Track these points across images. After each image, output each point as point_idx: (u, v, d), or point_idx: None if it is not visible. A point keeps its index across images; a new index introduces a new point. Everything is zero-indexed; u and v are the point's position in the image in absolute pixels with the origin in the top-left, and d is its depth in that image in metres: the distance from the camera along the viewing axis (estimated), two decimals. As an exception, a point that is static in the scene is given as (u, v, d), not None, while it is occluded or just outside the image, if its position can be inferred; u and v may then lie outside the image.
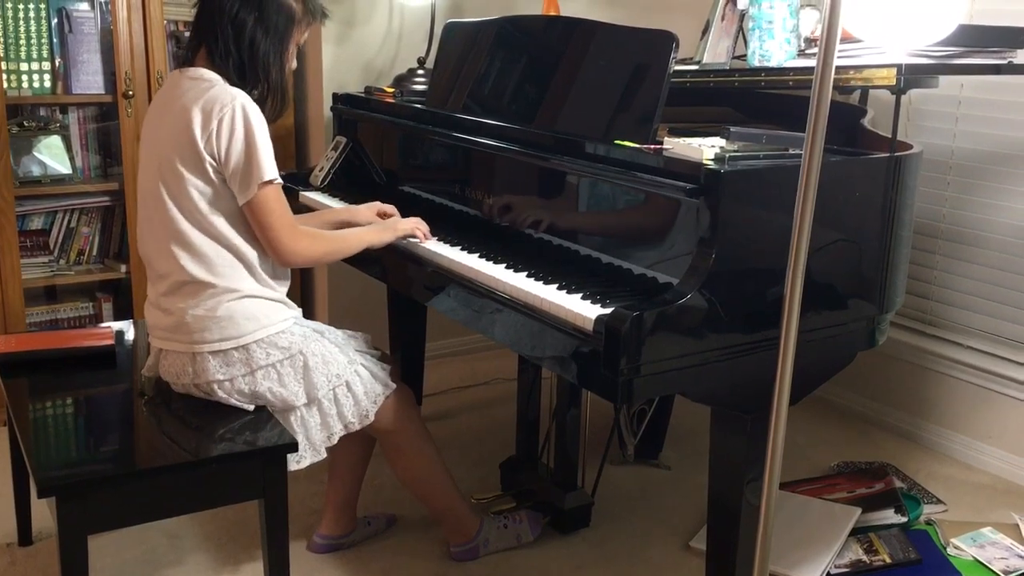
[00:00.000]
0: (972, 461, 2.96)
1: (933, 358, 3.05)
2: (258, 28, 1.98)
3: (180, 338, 1.99)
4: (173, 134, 1.93)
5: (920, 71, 2.08)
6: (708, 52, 2.51)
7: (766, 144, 1.97)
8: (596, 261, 1.99)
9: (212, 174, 1.93)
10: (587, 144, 2.02)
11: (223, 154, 1.91)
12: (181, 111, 1.93)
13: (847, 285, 1.94)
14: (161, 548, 2.38)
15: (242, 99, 1.93)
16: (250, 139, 1.91)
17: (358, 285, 3.01)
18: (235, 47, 1.98)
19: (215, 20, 1.97)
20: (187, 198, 1.94)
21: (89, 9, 2.97)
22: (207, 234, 1.96)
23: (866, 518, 2.54)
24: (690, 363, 1.73)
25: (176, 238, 1.95)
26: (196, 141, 1.90)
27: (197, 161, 1.92)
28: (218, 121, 1.90)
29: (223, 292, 1.96)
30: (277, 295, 2.05)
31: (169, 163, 1.94)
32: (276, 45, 2.02)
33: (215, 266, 1.96)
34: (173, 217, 1.95)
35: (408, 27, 3.37)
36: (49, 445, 1.93)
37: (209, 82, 1.96)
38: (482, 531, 2.36)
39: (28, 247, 2.99)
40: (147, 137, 2.05)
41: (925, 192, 2.88)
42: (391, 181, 2.67)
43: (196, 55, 2.02)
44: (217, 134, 1.90)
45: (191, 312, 1.96)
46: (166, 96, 2.02)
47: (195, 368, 1.99)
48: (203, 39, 2.01)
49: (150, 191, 1.99)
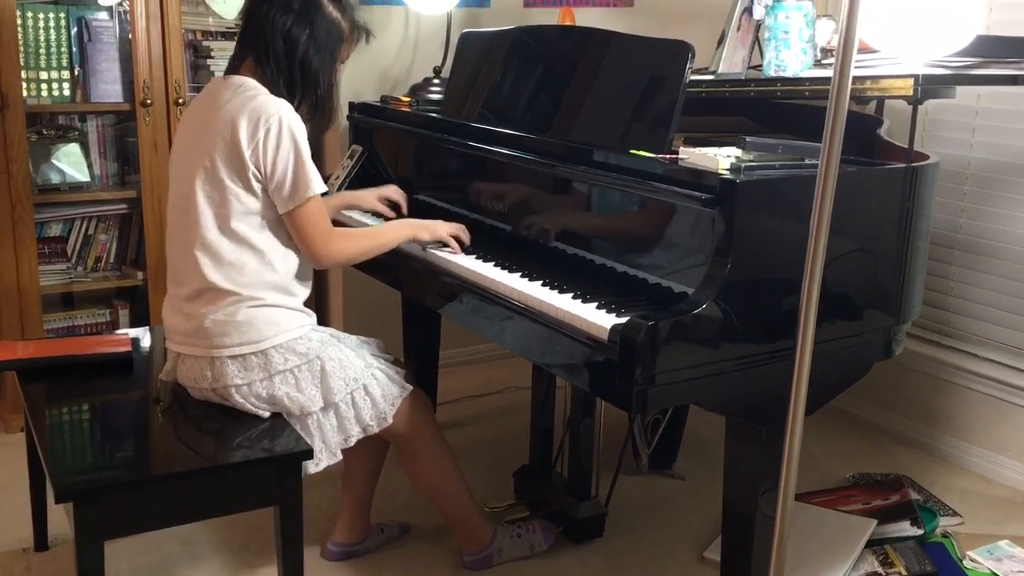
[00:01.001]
0: (989, 473, 2.94)
1: (950, 369, 3.03)
2: (310, 44, 2.02)
3: (199, 343, 2.00)
4: (218, 142, 1.94)
5: (937, 81, 2.07)
6: (724, 62, 2.51)
7: (782, 154, 1.97)
8: (611, 270, 2.00)
9: (254, 183, 1.95)
10: (602, 153, 2.02)
11: (269, 165, 1.93)
12: (226, 119, 1.94)
13: (863, 295, 1.94)
14: (176, 554, 2.39)
15: (287, 110, 1.96)
16: (297, 152, 1.94)
17: (372, 292, 3.01)
18: (286, 61, 2.01)
19: (266, 33, 2.00)
20: (225, 206, 1.95)
21: (108, 18, 2.99)
22: (237, 243, 1.97)
23: (882, 530, 2.52)
24: (705, 373, 1.72)
25: (204, 245, 1.97)
26: (242, 150, 1.92)
27: (241, 170, 1.94)
28: (265, 131, 1.92)
29: (245, 299, 1.98)
30: (296, 303, 2.06)
31: (211, 170, 1.95)
32: (326, 60, 2.05)
33: (240, 275, 1.98)
34: (204, 224, 1.96)
35: (424, 37, 3.39)
36: (66, 451, 1.94)
37: (254, 90, 1.98)
38: (496, 540, 2.36)
39: (46, 254, 3.01)
40: (186, 142, 2.06)
41: (941, 203, 2.87)
42: (407, 189, 2.67)
43: (242, 64, 2.04)
44: (264, 144, 1.92)
45: (211, 317, 1.97)
46: (207, 103, 2.03)
47: (213, 372, 2.00)
48: (251, 51, 2.03)
49: (184, 196, 2.00)
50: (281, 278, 2.02)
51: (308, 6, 2.02)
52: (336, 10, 2.06)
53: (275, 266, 2.01)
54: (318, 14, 2.03)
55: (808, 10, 2.27)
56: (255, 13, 2.03)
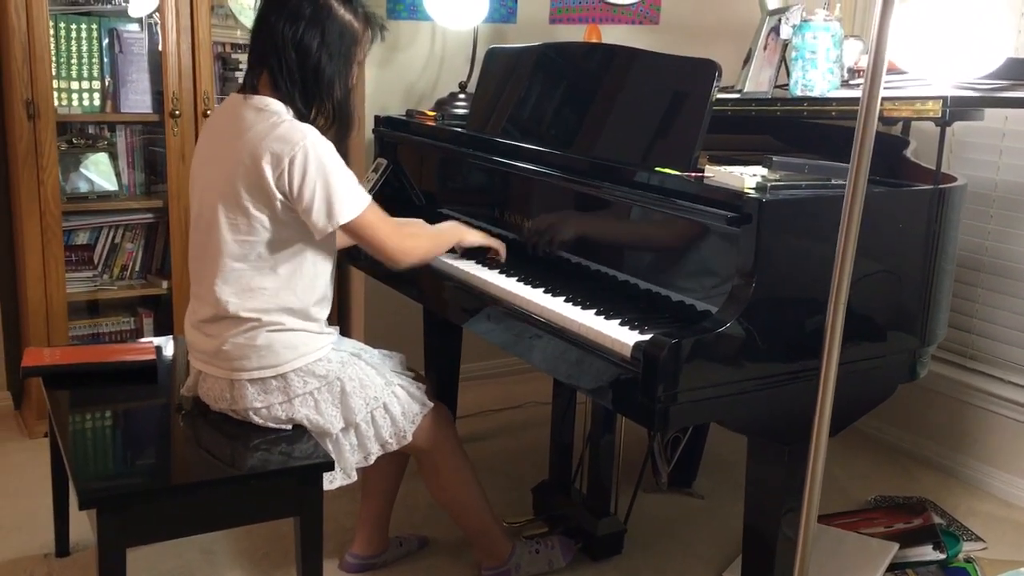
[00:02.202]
0: (1013, 498, 2.91)
1: (974, 393, 3.00)
2: (323, 50, 1.96)
3: (219, 364, 2.00)
4: (240, 171, 1.91)
5: (966, 104, 2.06)
6: (750, 81, 2.51)
7: (808, 174, 1.97)
8: (635, 287, 1.99)
9: (280, 209, 1.92)
10: (627, 170, 2.02)
11: (295, 193, 1.90)
12: (249, 148, 1.91)
13: (888, 317, 1.93)
14: (196, 562, 2.40)
15: (311, 135, 1.91)
16: (325, 175, 1.90)
17: (394, 305, 3.02)
18: (300, 72, 1.95)
19: (277, 46, 1.94)
20: (251, 233, 1.93)
21: (139, 30, 3.03)
22: (259, 269, 1.96)
23: (904, 554, 2.50)
24: (728, 392, 1.72)
25: (225, 274, 1.95)
26: (266, 179, 1.89)
27: (266, 198, 1.91)
28: (289, 160, 1.88)
29: (265, 324, 1.97)
30: (317, 327, 2.05)
31: (234, 195, 1.92)
32: (340, 66, 2.00)
33: (260, 301, 1.97)
34: (227, 251, 1.94)
35: (450, 52, 3.41)
36: (90, 457, 1.95)
37: (277, 115, 1.94)
38: (514, 555, 2.35)
39: (73, 262, 3.04)
40: (207, 162, 2.03)
41: (968, 225, 2.85)
42: (430, 203, 2.69)
43: (259, 81, 1.99)
44: (289, 173, 1.88)
45: (231, 340, 1.97)
46: (230, 125, 1.98)
47: (233, 394, 2.00)
48: (265, 65, 1.97)
49: (207, 219, 1.98)
50: (302, 303, 2.01)
51: (318, 11, 1.95)
52: (347, 11, 1.99)
53: (296, 292, 1.99)
54: (329, 18, 1.96)
55: (836, 31, 2.27)
56: (263, 26, 1.97)
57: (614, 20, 3.67)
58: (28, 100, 2.80)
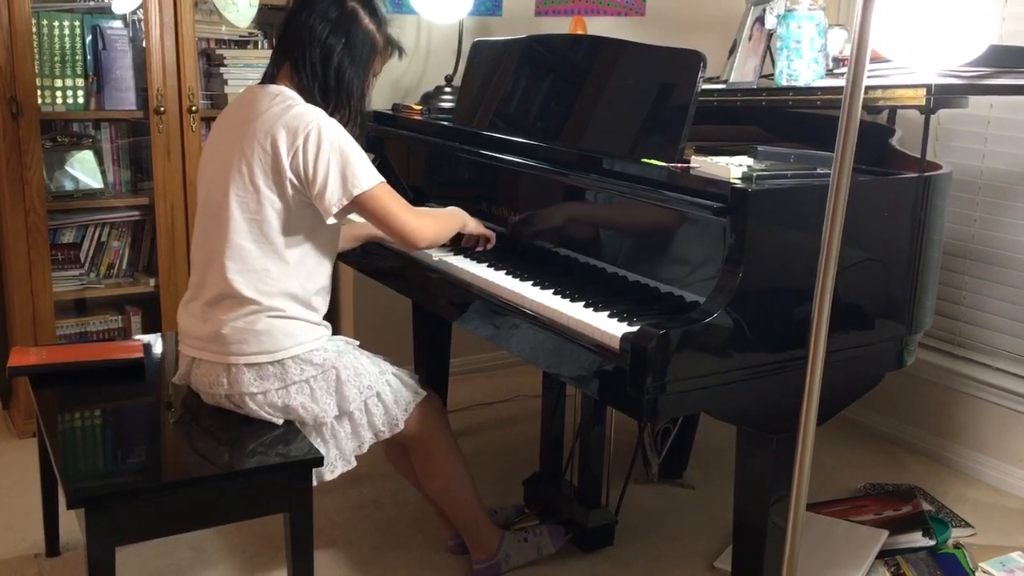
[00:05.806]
0: (1001, 484, 2.93)
1: (962, 379, 3.02)
2: (345, 54, 2.04)
3: (216, 348, 2.01)
4: (256, 148, 1.96)
5: (950, 91, 2.07)
6: (735, 71, 2.51)
7: (794, 163, 1.97)
8: (623, 279, 2.00)
9: (291, 192, 1.96)
10: (614, 162, 2.02)
11: (310, 169, 1.93)
12: (264, 128, 1.96)
13: (875, 305, 1.93)
14: (186, 560, 2.39)
15: (324, 116, 1.98)
16: (341, 151, 1.95)
17: (383, 300, 3.02)
18: (322, 70, 2.03)
19: (304, 41, 2.02)
20: (260, 212, 1.96)
21: (122, 27, 3.01)
22: (266, 251, 1.98)
23: (893, 541, 2.51)
24: (716, 382, 1.72)
25: (232, 250, 1.98)
26: (281, 158, 1.93)
27: (279, 179, 1.95)
28: (304, 137, 1.93)
29: (266, 309, 1.99)
30: (316, 318, 2.07)
31: (248, 176, 1.96)
32: (359, 72, 2.08)
33: (264, 283, 1.99)
34: (235, 229, 1.97)
35: (436, 45, 3.40)
36: (78, 457, 1.95)
37: (292, 100, 2.00)
38: (503, 546, 2.35)
39: (59, 260, 3.03)
40: (220, 149, 2.05)
41: (954, 212, 2.86)
42: (418, 197, 2.68)
43: (280, 72, 2.06)
44: (304, 150, 1.93)
45: (231, 324, 1.98)
46: (245, 110, 2.03)
47: (229, 379, 2.01)
48: (288, 56, 2.05)
49: (216, 203, 2.00)
50: (304, 291, 2.03)
51: (345, 17, 2.04)
52: (372, 23, 2.08)
53: (300, 279, 2.02)
54: (354, 25, 2.05)
55: (820, 20, 2.27)
56: (294, 20, 2.06)
57: (600, 12, 3.67)
58: (11, 98, 2.78)
